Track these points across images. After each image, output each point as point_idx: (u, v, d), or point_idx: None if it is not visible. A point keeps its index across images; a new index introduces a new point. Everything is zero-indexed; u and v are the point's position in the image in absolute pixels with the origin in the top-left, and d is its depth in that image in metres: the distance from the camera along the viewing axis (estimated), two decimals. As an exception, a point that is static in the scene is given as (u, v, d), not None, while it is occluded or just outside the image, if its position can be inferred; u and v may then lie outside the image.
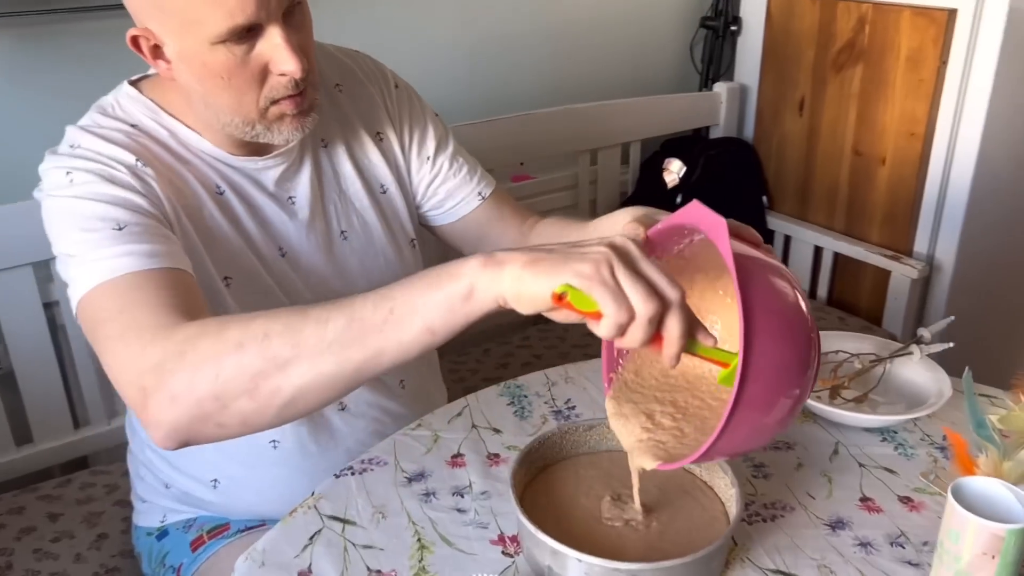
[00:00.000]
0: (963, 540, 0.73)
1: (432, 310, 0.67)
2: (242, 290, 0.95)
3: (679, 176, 2.04)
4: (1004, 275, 2.07)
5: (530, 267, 0.63)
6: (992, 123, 1.73)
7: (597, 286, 0.61)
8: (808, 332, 0.69)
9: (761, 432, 0.70)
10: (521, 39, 1.91)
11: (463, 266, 0.67)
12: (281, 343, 0.70)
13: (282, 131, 0.91)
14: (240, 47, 0.83)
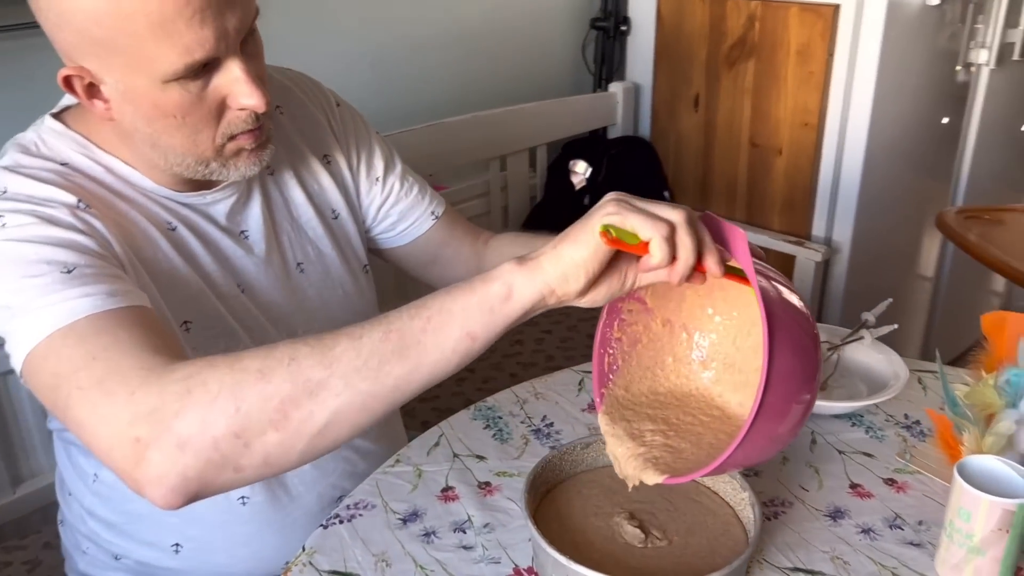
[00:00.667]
0: (975, 518, 0.77)
1: (472, 314, 0.65)
2: (203, 334, 0.87)
3: (585, 177, 2.06)
4: (893, 252, 2.21)
5: (561, 243, 0.65)
6: (878, 110, 1.84)
7: (629, 216, 0.63)
8: (816, 341, 0.71)
9: (775, 442, 0.71)
10: (422, 48, 1.87)
11: (495, 270, 0.66)
12: (311, 364, 0.64)
13: (239, 167, 0.84)
14: (195, 83, 0.75)
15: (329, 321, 1.00)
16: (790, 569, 0.82)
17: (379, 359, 0.64)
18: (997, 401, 0.93)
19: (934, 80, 2.06)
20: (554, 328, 1.85)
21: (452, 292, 0.66)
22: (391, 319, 0.65)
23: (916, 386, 1.12)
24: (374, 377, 0.64)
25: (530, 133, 1.98)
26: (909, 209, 2.20)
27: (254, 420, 0.63)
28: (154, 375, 0.66)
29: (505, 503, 0.92)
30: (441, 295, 0.66)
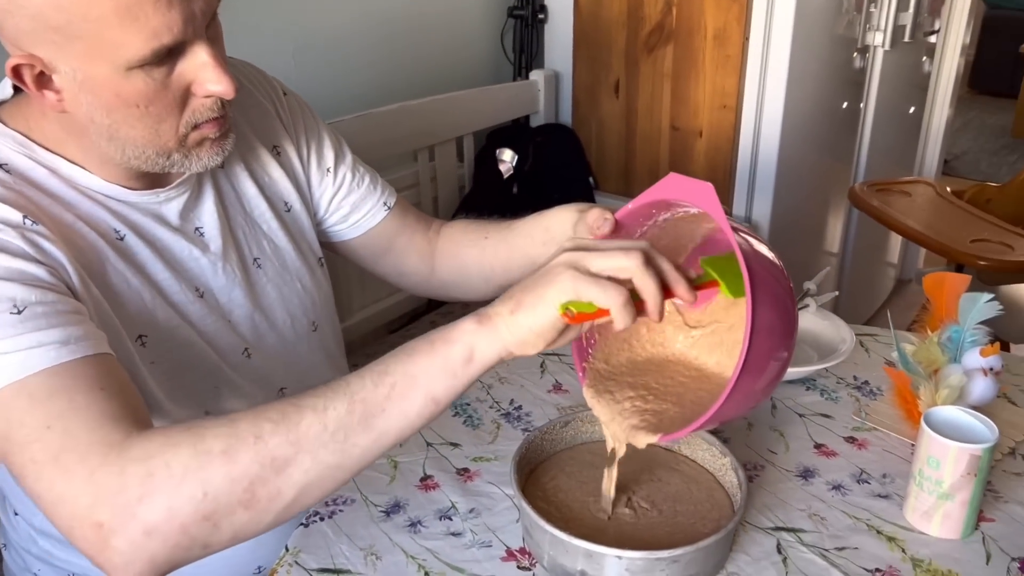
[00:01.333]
0: (944, 466, 0.81)
1: (435, 378, 0.65)
2: (160, 346, 0.83)
3: (512, 165, 2.06)
4: (804, 230, 2.31)
5: (519, 310, 0.64)
6: (791, 93, 1.92)
7: (584, 289, 0.63)
8: (792, 296, 0.73)
9: (755, 396, 0.73)
10: (343, 38, 1.83)
11: (457, 329, 0.66)
12: (278, 442, 0.62)
13: (201, 157, 0.80)
14: (160, 70, 0.71)
15: (289, 317, 0.97)
16: (772, 529, 0.85)
17: (345, 432, 0.64)
18: (941, 357, 0.99)
19: (836, 66, 2.16)
20: (492, 317, 1.85)
21: (414, 355, 0.65)
22: (353, 388, 0.64)
23: (859, 349, 1.18)
24: (341, 450, 0.64)
25: (457, 122, 1.96)
26: (818, 188, 2.30)
27: (222, 503, 0.62)
28: (114, 453, 0.62)
29: (487, 487, 0.92)
30: (403, 358, 0.65)
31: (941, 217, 1.81)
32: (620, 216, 0.77)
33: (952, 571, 0.80)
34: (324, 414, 0.63)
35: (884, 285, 3.01)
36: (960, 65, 2.84)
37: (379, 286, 1.84)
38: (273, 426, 0.63)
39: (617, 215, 0.77)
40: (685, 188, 0.71)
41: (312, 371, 1.00)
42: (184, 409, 0.86)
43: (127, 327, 0.80)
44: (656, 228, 0.79)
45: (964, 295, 0.99)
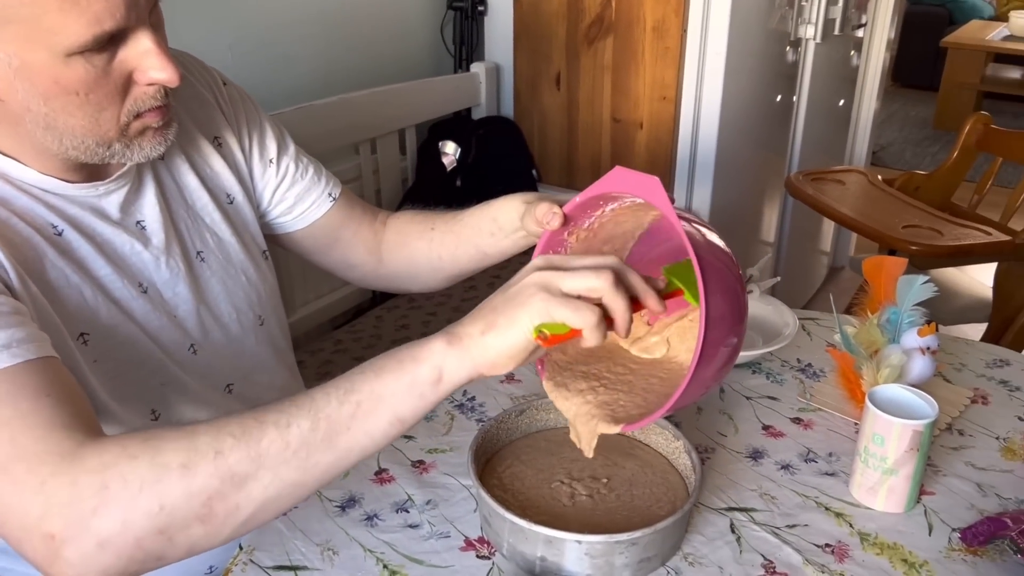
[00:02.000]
0: (888, 442, 0.84)
1: (402, 399, 0.64)
2: (102, 345, 0.80)
3: (455, 158, 2.05)
4: (742, 221, 2.35)
5: (490, 331, 0.64)
6: (729, 83, 1.95)
7: (556, 310, 0.63)
8: (742, 282, 0.74)
9: (711, 382, 0.74)
10: (280, 29, 1.79)
11: (426, 348, 0.65)
12: (238, 458, 0.61)
13: (143, 147, 0.78)
14: (101, 57, 0.69)
15: (234, 312, 0.95)
16: (725, 509, 0.87)
17: (308, 449, 0.62)
18: (881, 338, 1.02)
19: (770, 59, 2.21)
20: (438, 310, 1.84)
21: (381, 374, 0.64)
22: (318, 404, 0.63)
23: (802, 333, 1.21)
24: (302, 468, 0.63)
25: (398, 115, 1.95)
26: (755, 179, 2.35)
27: (179, 517, 0.60)
28: (65, 462, 0.60)
29: (443, 479, 0.91)
30: (370, 376, 0.64)
31: (874, 204, 1.87)
32: (568, 209, 0.77)
33: (897, 543, 0.82)
34: (287, 431, 0.62)
35: (818, 272, 3.09)
36: (886, 59, 2.93)
37: (322, 281, 1.81)
38: (234, 441, 0.61)
39: (565, 208, 0.77)
40: (631, 181, 0.72)
41: (260, 366, 0.98)
42: (130, 409, 0.83)
43: (68, 325, 0.77)
44: (604, 218, 0.80)
45: (901, 278, 1.02)
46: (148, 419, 0.85)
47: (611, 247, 0.84)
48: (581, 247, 0.82)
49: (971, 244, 1.67)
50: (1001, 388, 1.09)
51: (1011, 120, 4.92)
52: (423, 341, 0.65)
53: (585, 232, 0.81)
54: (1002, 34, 4.93)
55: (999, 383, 1.10)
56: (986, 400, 1.06)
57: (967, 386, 1.09)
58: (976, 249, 1.67)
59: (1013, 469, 0.93)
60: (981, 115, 2.09)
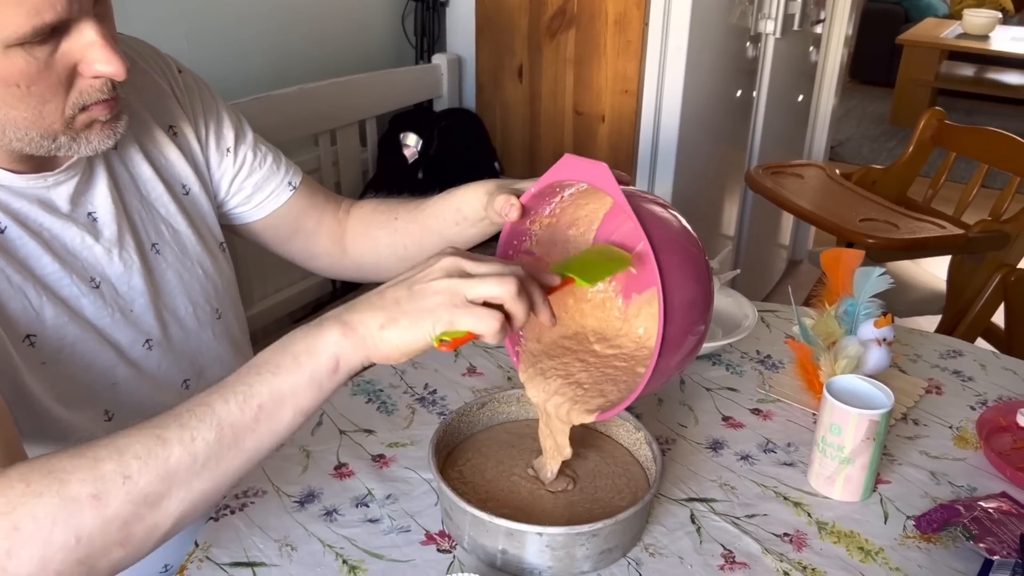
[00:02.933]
0: (846, 432, 0.85)
1: (302, 393, 0.65)
2: (50, 346, 0.78)
3: (417, 150, 2.03)
4: (703, 214, 2.37)
5: (390, 327, 0.65)
6: (690, 77, 1.96)
7: (460, 318, 0.64)
8: (706, 264, 0.75)
9: (679, 367, 0.75)
10: (237, 18, 1.76)
11: (321, 340, 0.65)
12: (148, 480, 0.60)
13: (90, 140, 0.75)
14: (42, 48, 0.67)
15: (191, 305, 0.93)
16: (685, 500, 0.87)
17: (216, 460, 0.63)
18: (838, 330, 1.03)
19: (731, 54, 2.22)
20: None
21: (278, 372, 0.64)
22: (219, 414, 0.63)
23: (761, 324, 1.22)
24: (214, 476, 0.63)
25: (359, 106, 1.93)
26: (715, 173, 2.36)
27: (97, 545, 0.60)
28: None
29: (403, 472, 0.90)
30: (267, 376, 0.64)
31: (832, 198, 1.89)
32: (526, 200, 0.77)
33: (854, 531, 0.83)
34: (192, 445, 0.61)
35: (777, 266, 3.13)
36: (844, 55, 2.97)
37: (281, 274, 1.79)
38: (141, 463, 0.60)
39: (522, 199, 0.77)
40: (582, 169, 0.72)
41: (217, 361, 0.96)
42: (81, 411, 0.81)
43: (11, 330, 0.75)
44: (565, 203, 0.80)
45: (858, 270, 1.03)
46: (102, 420, 0.83)
47: (576, 230, 0.84)
48: (546, 234, 0.82)
49: (926, 237, 1.70)
50: (954, 378, 1.11)
51: (964, 116, 5.03)
52: (315, 331, 0.66)
53: (548, 219, 0.81)
54: (956, 32, 5.03)
55: (952, 373, 1.12)
56: (940, 390, 1.08)
57: (922, 376, 1.10)
58: (930, 242, 1.70)
59: (965, 457, 0.95)
60: (936, 111, 2.13)
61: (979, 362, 1.15)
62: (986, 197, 2.13)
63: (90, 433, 0.83)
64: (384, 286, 0.69)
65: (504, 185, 0.86)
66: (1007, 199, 1.95)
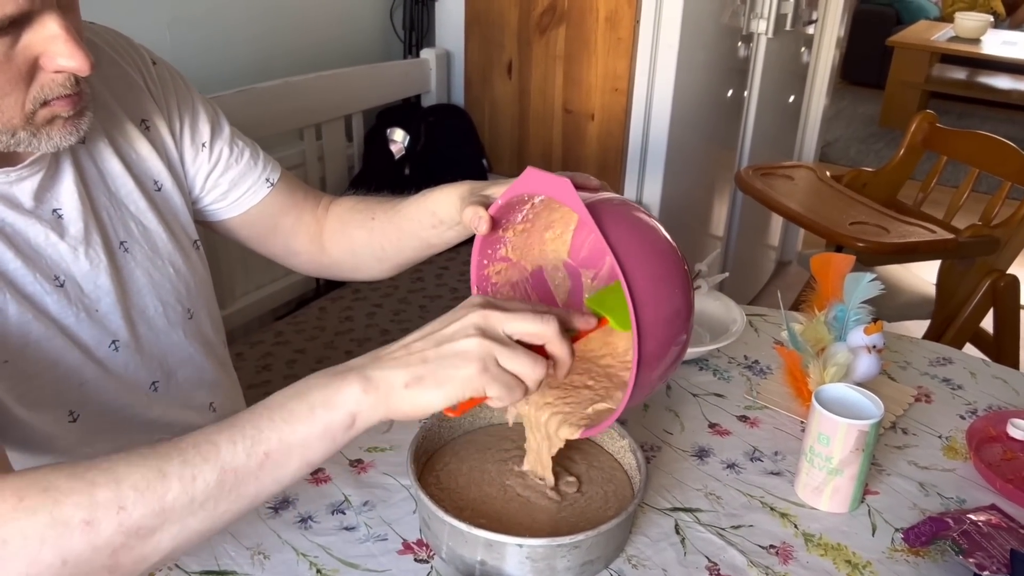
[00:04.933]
0: (834, 442, 0.83)
1: (312, 445, 0.62)
2: (12, 345, 0.75)
3: (404, 145, 2.01)
4: (692, 215, 2.35)
5: (414, 386, 0.62)
6: (680, 76, 1.94)
7: (490, 386, 0.63)
8: (684, 273, 0.71)
9: (661, 379, 0.73)
10: (221, 8, 1.73)
11: (340, 393, 0.62)
12: (143, 514, 0.58)
13: (52, 136, 0.72)
14: (2, 41, 0.64)
15: (160, 305, 0.90)
16: (670, 509, 0.85)
17: (215, 501, 0.60)
18: (827, 336, 1.01)
19: (722, 54, 2.20)
20: (384, 301, 1.81)
21: (291, 420, 0.62)
22: (224, 456, 0.60)
23: (749, 329, 1.20)
24: (210, 517, 0.61)
25: (345, 100, 1.90)
26: (705, 173, 2.35)
27: (84, 570, 0.58)
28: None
29: (381, 479, 0.88)
30: (278, 422, 0.61)
31: (822, 200, 1.87)
32: (494, 212, 0.75)
33: (841, 544, 0.81)
34: (192, 484, 0.59)
35: (766, 267, 3.12)
36: (835, 56, 2.96)
37: (263, 271, 1.76)
38: (137, 495, 0.58)
39: (491, 211, 0.75)
40: (544, 183, 0.70)
41: (189, 362, 0.93)
42: (44, 412, 0.78)
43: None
44: (537, 208, 0.78)
45: (849, 275, 1.02)
46: (66, 421, 0.80)
47: (553, 232, 0.81)
48: (521, 240, 0.80)
49: (916, 242, 1.69)
50: (944, 386, 1.09)
51: (956, 120, 5.03)
52: (336, 381, 0.63)
53: (521, 225, 0.79)
54: (947, 35, 5.03)
55: (942, 381, 1.10)
56: (929, 398, 1.07)
57: (911, 384, 1.09)
58: (921, 247, 1.69)
59: (955, 468, 0.93)
60: (927, 114, 2.12)
61: (969, 370, 1.13)
62: (977, 201, 2.12)
63: (52, 435, 0.80)
64: (411, 337, 0.66)
65: (476, 189, 0.83)
66: (997, 204, 1.94)
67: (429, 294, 1.83)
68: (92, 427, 0.83)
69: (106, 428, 0.85)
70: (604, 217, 0.67)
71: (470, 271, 0.80)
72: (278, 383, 1.53)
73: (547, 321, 0.66)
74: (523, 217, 0.78)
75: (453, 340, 0.64)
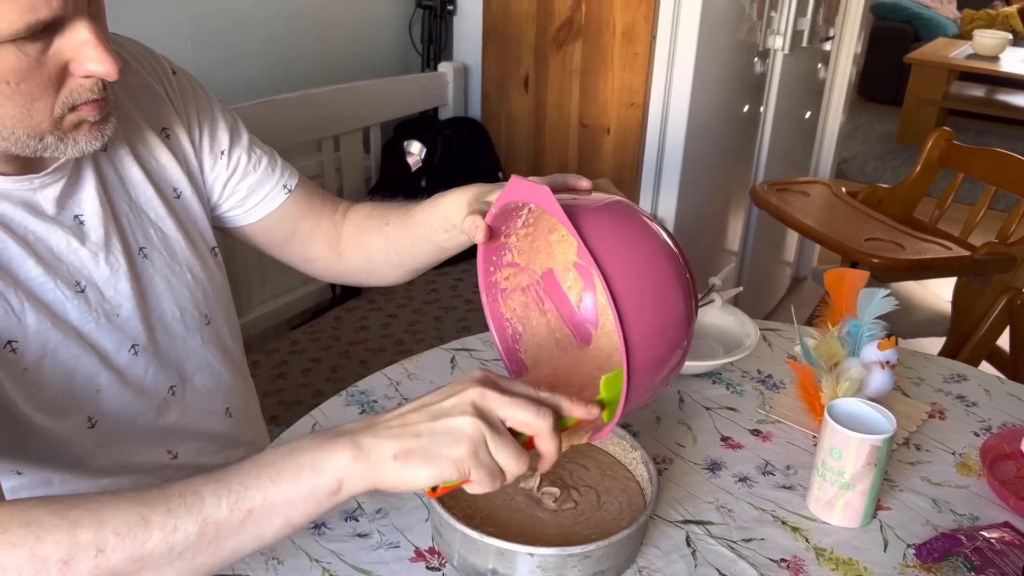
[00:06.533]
0: (846, 456, 0.83)
1: (296, 507, 0.63)
2: (32, 352, 0.77)
3: (421, 158, 2.03)
4: (707, 229, 2.36)
5: (403, 459, 0.63)
6: (696, 91, 1.95)
7: (476, 472, 0.63)
8: (686, 279, 0.70)
9: (658, 386, 0.72)
10: (243, 21, 1.75)
11: (329, 458, 0.63)
12: (121, 559, 0.59)
13: (78, 141, 0.74)
14: (34, 45, 0.66)
15: (178, 310, 0.91)
16: (681, 522, 0.85)
17: (193, 553, 0.61)
18: (841, 351, 1.01)
19: (738, 69, 2.21)
20: (399, 312, 1.82)
21: (278, 481, 0.62)
22: (208, 509, 0.61)
23: (763, 343, 1.20)
24: (186, 569, 0.62)
25: (364, 112, 1.92)
26: (720, 188, 2.35)
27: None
28: None
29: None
30: (265, 481, 0.62)
31: (837, 216, 1.87)
32: (491, 220, 0.76)
33: (852, 559, 0.81)
34: (172, 535, 0.60)
35: (781, 283, 3.11)
36: (852, 73, 2.96)
37: (280, 280, 1.78)
38: (118, 540, 0.59)
39: (488, 220, 0.76)
40: (528, 191, 0.71)
41: (206, 367, 0.95)
42: (62, 419, 0.80)
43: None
44: (536, 211, 0.78)
45: (862, 290, 1.02)
46: (85, 427, 0.82)
47: (558, 235, 0.82)
48: (526, 244, 0.80)
49: (931, 259, 1.68)
50: (958, 403, 1.09)
51: (973, 138, 5.01)
52: (327, 445, 0.64)
53: (524, 230, 0.79)
54: (966, 52, 5.02)
55: (956, 398, 1.10)
56: (943, 415, 1.06)
57: (925, 401, 1.09)
58: (936, 264, 1.69)
59: (968, 485, 0.93)
60: (943, 131, 2.11)
61: (983, 387, 1.13)
62: (993, 219, 2.11)
63: (71, 441, 0.81)
64: (408, 407, 0.67)
65: (482, 194, 0.84)
66: (1014, 221, 1.93)
67: (444, 305, 1.84)
68: (110, 433, 0.85)
69: (124, 433, 0.87)
70: (586, 222, 0.66)
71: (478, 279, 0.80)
72: (293, 391, 1.55)
73: (543, 416, 0.66)
74: (524, 222, 0.79)
75: (449, 416, 0.64)
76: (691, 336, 0.72)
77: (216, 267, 0.98)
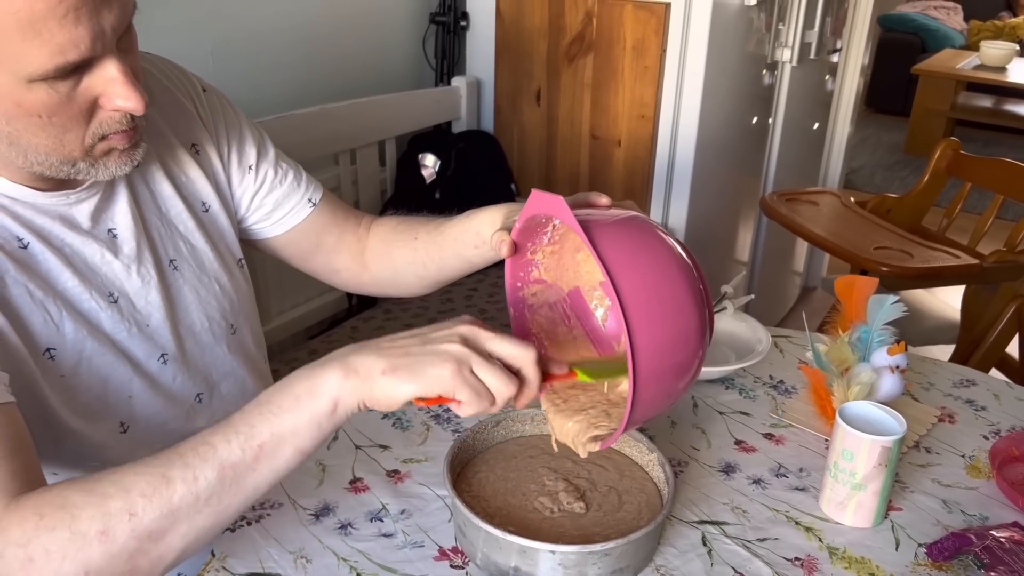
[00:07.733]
0: (858, 458, 0.85)
1: (302, 433, 0.67)
2: (69, 359, 0.80)
3: (435, 171, 2.06)
4: (717, 240, 2.38)
5: (390, 374, 0.67)
6: (706, 104, 1.98)
7: (459, 388, 0.67)
8: (699, 290, 0.71)
9: (671, 395, 0.73)
10: (262, 38, 1.79)
11: (322, 381, 0.67)
12: (153, 518, 0.63)
13: (108, 166, 0.77)
14: (65, 83, 0.69)
15: (206, 320, 0.94)
16: (697, 522, 0.88)
17: (218, 497, 0.66)
18: (851, 356, 1.03)
19: (747, 81, 2.24)
20: (414, 321, 1.84)
21: (280, 413, 0.67)
22: (221, 454, 0.65)
23: (774, 350, 1.23)
24: (215, 512, 0.66)
25: (379, 126, 1.95)
26: (730, 199, 2.38)
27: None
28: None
29: (418, 488, 0.91)
30: (268, 416, 0.66)
31: (846, 225, 1.89)
32: (515, 236, 0.78)
33: (865, 557, 0.83)
34: (195, 484, 0.64)
35: (791, 292, 3.13)
36: (860, 84, 2.99)
37: (298, 290, 1.81)
38: (146, 501, 0.63)
39: (512, 235, 0.78)
40: (545, 203, 0.73)
41: (231, 375, 0.98)
42: (95, 424, 0.83)
43: (31, 343, 0.77)
44: (559, 231, 0.80)
45: (872, 297, 1.04)
46: (118, 432, 0.85)
47: (584, 253, 0.84)
48: (552, 261, 0.82)
49: (940, 267, 1.70)
50: (967, 407, 1.11)
51: (981, 147, 5.02)
52: (318, 371, 0.68)
53: (549, 247, 0.81)
54: (973, 63, 5.04)
55: (965, 402, 1.12)
56: (953, 419, 1.08)
57: (934, 405, 1.11)
58: (945, 272, 1.71)
59: (978, 487, 0.95)
60: (951, 141, 2.14)
61: (992, 392, 1.15)
62: (1001, 228, 2.13)
63: (105, 445, 0.84)
64: (398, 335, 0.71)
65: (512, 212, 0.86)
66: (1022, 230, 1.95)
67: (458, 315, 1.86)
68: (141, 438, 0.88)
69: (154, 439, 0.89)
70: (601, 235, 0.68)
71: (505, 294, 0.83)
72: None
73: (527, 347, 0.70)
74: (549, 239, 0.81)
75: (436, 342, 0.68)
76: (706, 346, 0.73)
77: (242, 278, 1.02)
